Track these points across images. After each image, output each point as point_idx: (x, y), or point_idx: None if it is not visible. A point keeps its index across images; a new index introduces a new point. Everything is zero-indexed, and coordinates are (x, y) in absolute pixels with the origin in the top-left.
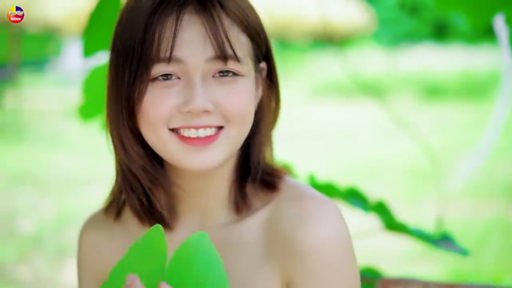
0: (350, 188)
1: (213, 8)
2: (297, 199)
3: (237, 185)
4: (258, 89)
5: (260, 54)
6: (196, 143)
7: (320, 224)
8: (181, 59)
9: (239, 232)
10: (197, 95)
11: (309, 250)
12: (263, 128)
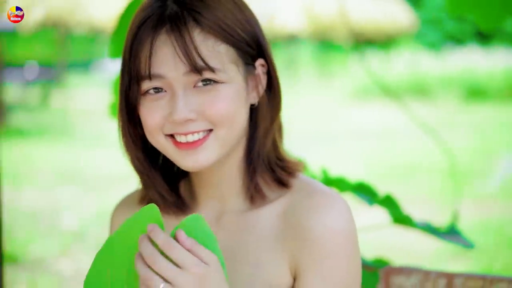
0: (360, 183)
1: (185, 26)
2: (310, 193)
3: (247, 176)
4: (255, 88)
5: (249, 56)
6: (186, 147)
7: (329, 216)
8: (161, 75)
9: (254, 220)
10: (178, 107)
11: (317, 238)
12: (262, 122)
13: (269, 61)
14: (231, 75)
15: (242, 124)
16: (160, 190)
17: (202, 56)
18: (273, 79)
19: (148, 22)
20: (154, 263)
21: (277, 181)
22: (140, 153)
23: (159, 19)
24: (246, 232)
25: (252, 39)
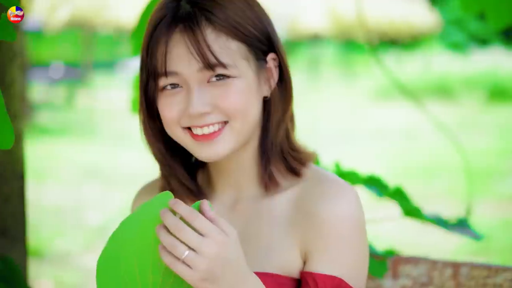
0: (371, 176)
1: (197, 26)
2: (320, 181)
3: (261, 165)
4: (267, 81)
5: (260, 51)
6: (203, 139)
7: (338, 203)
8: (177, 72)
9: (268, 206)
10: (193, 102)
11: (326, 223)
12: (275, 114)
13: (280, 56)
14: (243, 70)
15: (255, 115)
16: (180, 179)
17: (214, 54)
18: (284, 73)
19: (163, 22)
20: (179, 231)
21: (289, 170)
22: (160, 144)
23: (173, 19)
24: (259, 218)
25: (263, 35)
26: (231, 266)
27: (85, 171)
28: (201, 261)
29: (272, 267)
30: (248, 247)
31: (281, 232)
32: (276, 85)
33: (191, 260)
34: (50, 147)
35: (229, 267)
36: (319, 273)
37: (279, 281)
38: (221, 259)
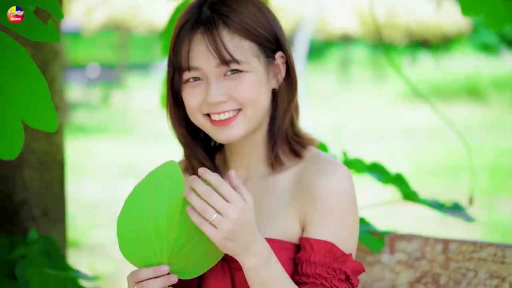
0: (374, 163)
1: (215, 28)
2: (317, 161)
3: (269, 147)
4: (276, 76)
5: (270, 50)
6: (220, 124)
7: (332, 179)
8: (198, 67)
9: (273, 183)
10: (212, 92)
11: (321, 195)
12: (281, 104)
13: (287, 54)
14: (253, 65)
15: (265, 104)
16: (200, 159)
17: (229, 51)
18: (290, 69)
19: (187, 25)
20: (209, 197)
21: (292, 152)
22: (184, 129)
23: (195, 22)
24: (266, 193)
25: (272, 37)
26: (248, 228)
27: (120, 168)
28: (226, 223)
29: (276, 234)
30: (256, 217)
31: (284, 204)
32: (284, 79)
33: (218, 222)
34: (87, 145)
35: (246, 228)
36: (314, 239)
37: (282, 246)
38: (241, 222)
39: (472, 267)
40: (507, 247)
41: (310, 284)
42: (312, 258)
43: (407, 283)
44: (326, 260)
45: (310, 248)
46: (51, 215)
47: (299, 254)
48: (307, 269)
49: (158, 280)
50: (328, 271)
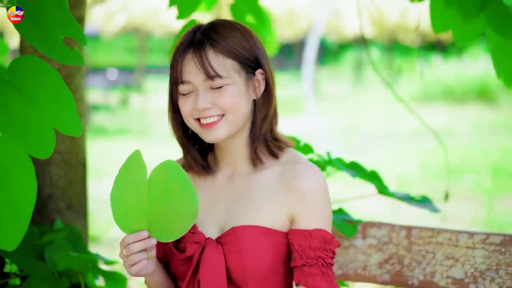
0: (352, 162)
1: (203, 49)
2: (295, 162)
3: (251, 148)
4: (255, 89)
5: (250, 67)
6: (207, 126)
7: (313, 179)
8: (189, 81)
9: (257, 179)
10: (200, 101)
11: (306, 193)
12: (259, 113)
13: (266, 71)
14: (234, 79)
15: (244, 111)
16: (195, 157)
17: (213, 68)
18: (268, 84)
19: (182, 46)
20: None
21: (271, 153)
22: (181, 132)
23: (188, 44)
24: (251, 187)
25: (253, 57)
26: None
27: None
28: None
29: (262, 222)
30: (243, 208)
31: (269, 198)
32: (263, 92)
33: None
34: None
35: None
36: (310, 229)
37: (267, 232)
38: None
39: (431, 249)
40: (460, 232)
41: (313, 265)
42: (312, 244)
43: (377, 264)
44: (321, 244)
45: (309, 237)
46: (74, 208)
47: (300, 242)
48: (309, 253)
49: (140, 243)
50: (324, 252)
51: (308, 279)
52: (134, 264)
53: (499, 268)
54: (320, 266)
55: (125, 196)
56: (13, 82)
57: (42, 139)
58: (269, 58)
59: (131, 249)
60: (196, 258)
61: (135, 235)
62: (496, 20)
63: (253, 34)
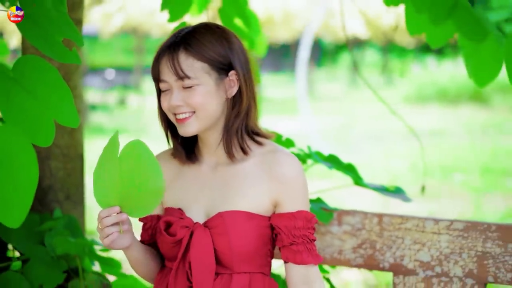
0: (330, 155)
1: (176, 52)
2: (275, 152)
3: (224, 142)
4: (228, 89)
5: (222, 69)
6: (180, 122)
7: (292, 166)
8: (165, 80)
9: (240, 168)
10: (173, 98)
11: (288, 180)
12: (233, 110)
13: (239, 73)
14: (204, 80)
15: (214, 109)
16: (178, 148)
17: (183, 70)
18: (241, 84)
19: (160, 48)
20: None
21: (255, 143)
22: (166, 124)
23: (165, 48)
24: (234, 176)
25: (225, 60)
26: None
27: None
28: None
29: (245, 207)
30: (228, 194)
31: (252, 185)
32: (236, 92)
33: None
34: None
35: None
36: (294, 211)
37: (251, 216)
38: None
39: (400, 235)
40: (426, 219)
41: (300, 243)
42: (296, 225)
43: (351, 248)
44: (304, 223)
45: (293, 218)
46: (72, 199)
47: (286, 224)
48: (295, 233)
49: (112, 217)
50: (307, 230)
51: (296, 256)
52: (107, 237)
53: (462, 251)
54: (305, 244)
55: (102, 174)
56: (17, 78)
57: (43, 129)
58: (248, 59)
59: (104, 223)
60: (186, 241)
61: (108, 210)
62: (464, 25)
63: (232, 38)
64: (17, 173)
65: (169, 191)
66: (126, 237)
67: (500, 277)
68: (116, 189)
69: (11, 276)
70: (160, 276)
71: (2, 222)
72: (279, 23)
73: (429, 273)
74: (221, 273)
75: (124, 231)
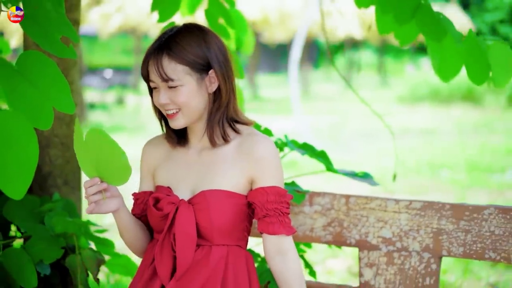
0: (304, 143)
1: (160, 56)
2: (253, 135)
3: (208, 131)
4: (210, 85)
5: (202, 70)
6: (169, 117)
7: (265, 146)
8: (153, 81)
9: (222, 152)
10: (160, 97)
11: (261, 157)
12: (214, 104)
13: (216, 71)
14: (186, 81)
15: (197, 106)
16: (170, 135)
17: (166, 73)
18: (220, 81)
19: (148, 52)
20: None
21: (235, 130)
22: (158, 115)
23: (151, 51)
24: (217, 159)
25: (204, 61)
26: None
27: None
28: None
29: (225, 186)
30: (210, 175)
31: (231, 167)
32: (217, 88)
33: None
34: None
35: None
36: (266, 186)
37: (230, 195)
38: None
39: (365, 214)
40: (388, 199)
41: (272, 216)
42: (268, 199)
43: (321, 227)
44: (276, 197)
45: (265, 193)
46: (70, 184)
47: (259, 199)
48: (268, 206)
49: (94, 186)
50: (279, 204)
51: (269, 227)
52: (91, 203)
53: (419, 228)
54: (277, 216)
55: (78, 155)
56: (21, 71)
57: (43, 115)
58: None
59: (88, 191)
60: (171, 216)
61: (90, 181)
62: (425, 25)
63: (210, 38)
64: (20, 152)
65: (160, 171)
66: (112, 202)
67: (453, 251)
68: (92, 165)
69: (15, 251)
70: (150, 246)
71: (7, 194)
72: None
73: (390, 248)
74: (202, 244)
75: (108, 198)
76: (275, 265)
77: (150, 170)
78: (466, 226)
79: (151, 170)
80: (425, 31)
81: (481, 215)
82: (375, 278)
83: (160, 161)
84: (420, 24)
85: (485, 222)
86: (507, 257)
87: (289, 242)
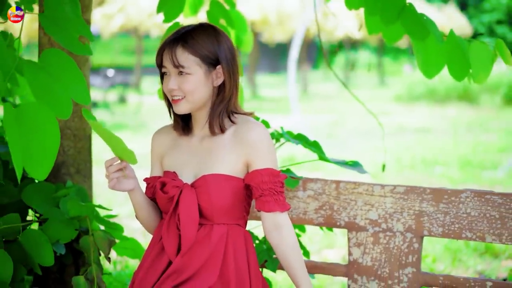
0: (299, 134)
1: (174, 47)
2: (247, 122)
3: (210, 120)
4: (216, 79)
5: (211, 63)
6: (174, 102)
7: (259, 131)
8: (165, 66)
9: (221, 140)
10: (170, 83)
11: (255, 141)
12: (216, 98)
13: (223, 67)
14: (195, 71)
15: (201, 95)
16: (178, 120)
17: (178, 61)
18: (225, 76)
19: (164, 43)
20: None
21: (220, 126)
22: (167, 102)
23: (168, 42)
24: (216, 145)
25: (214, 56)
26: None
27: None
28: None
29: (224, 170)
30: (211, 161)
31: (228, 151)
32: (222, 82)
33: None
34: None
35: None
36: (260, 169)
37: (229, 179)
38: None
39: (354, 198)
40: (374, 185)
41: (267, 195)
42: (263, 179)
43: (314, 210)
44: (270, 178)
45: (260, 175)
46: (82, 173)
47: (255, 180)
48: (263, 186)
49: (114, 165)
50: (273, 184)
51: (265, 205)
52: (112, 180)
53: (403, 211)
54: (272, 195)
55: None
56: (43, 66)
57: (63, 106)
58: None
59: (109, 170)
60: (176, 198)
61: (110, 159)
62: (409, 26)
63: (222, 38)
64: (44, 138)
65: (167, 157)
66: (129, 182)
67: (434, 231)
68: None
69: (33, 232)
70: (159, 226)
71: (32, 175)
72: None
73: (376, 229)
74: (203, 223)
75: (127, 176)
76: (273, 239)
77: (159, 157)
78: (445, 208)
79: (160, 157)
80: (409, 31)
81: (459, 198)
82: (363, 256)
83: (167, 149)
84: (405, 25)
85: (462, 204)
86: (482, 237)
87: (284, 218)
